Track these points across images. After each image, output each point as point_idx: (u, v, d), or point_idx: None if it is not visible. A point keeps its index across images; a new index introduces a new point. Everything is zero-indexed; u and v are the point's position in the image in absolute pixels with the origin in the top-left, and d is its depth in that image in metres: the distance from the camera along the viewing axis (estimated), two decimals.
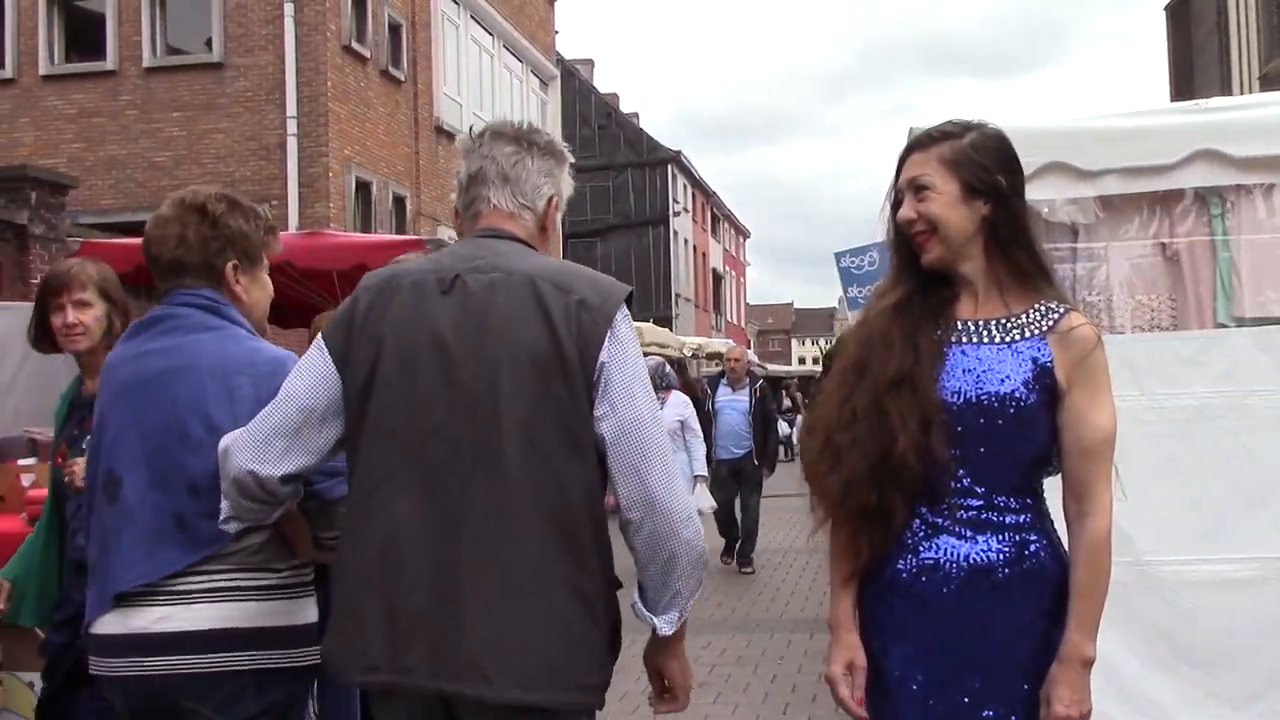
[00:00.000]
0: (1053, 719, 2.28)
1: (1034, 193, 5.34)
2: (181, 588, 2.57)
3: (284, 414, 2.38)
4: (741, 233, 62.08)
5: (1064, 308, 2.43)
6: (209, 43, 17.12)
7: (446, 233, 18.67)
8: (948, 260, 2.44)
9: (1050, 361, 2.36)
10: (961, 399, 2.36)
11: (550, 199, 2.54)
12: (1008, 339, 2.40)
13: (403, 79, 19.09)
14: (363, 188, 17.72)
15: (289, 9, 16.49)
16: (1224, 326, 4.72)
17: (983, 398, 2.35)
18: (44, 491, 4.23)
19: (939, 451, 2.33)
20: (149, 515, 2.60)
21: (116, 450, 2.69)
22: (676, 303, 42.73)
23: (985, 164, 2.42)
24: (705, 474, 10.36)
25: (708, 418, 11.01)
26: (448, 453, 2.28)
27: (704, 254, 49.86)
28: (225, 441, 2.44)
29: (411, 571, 2.27)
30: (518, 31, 24.30)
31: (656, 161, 43.08)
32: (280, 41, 16.61)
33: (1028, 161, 5.58)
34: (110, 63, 17.18)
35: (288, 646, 2.63)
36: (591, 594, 2.29)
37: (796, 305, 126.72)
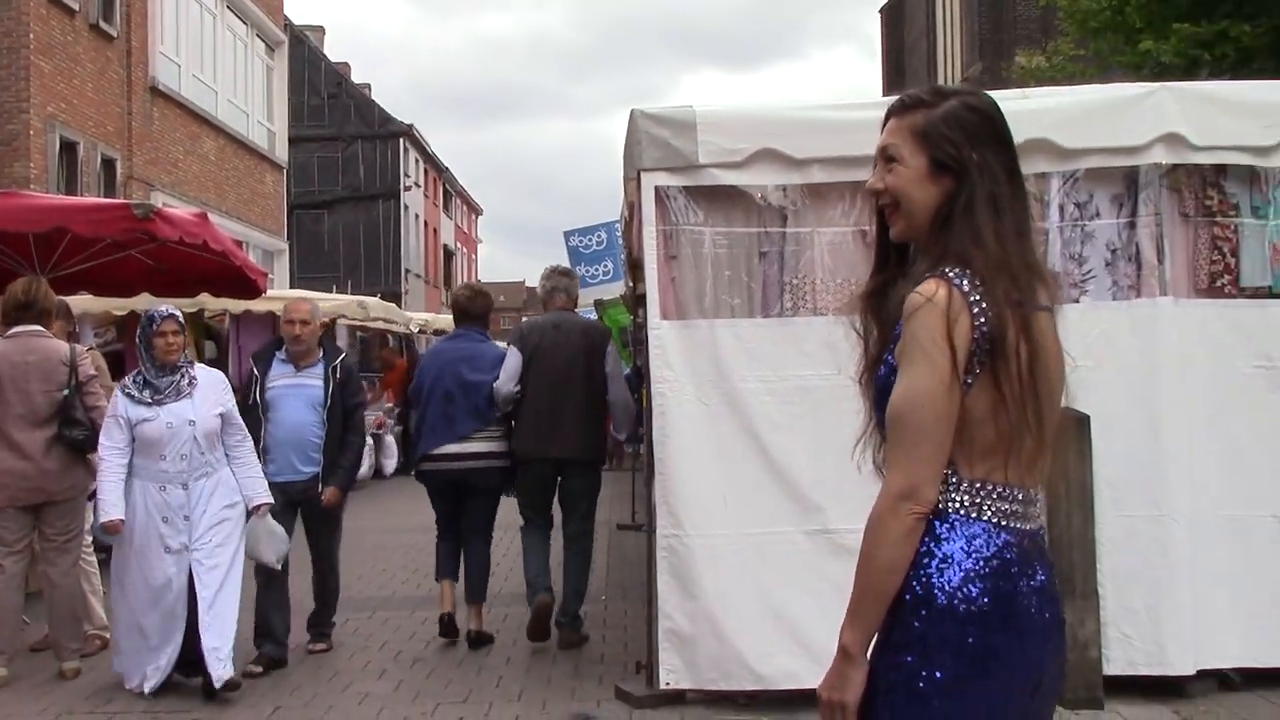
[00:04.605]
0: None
1: (747, 178, 5.60)
2: (477, 435, 7.07)
3: (517, 369, 7.03)
4: (474, 209, 61.83)
5: (929, 275, 2.18)
6: None
7: (160, 198, 17.83)
8: (912, 237, 2.30)
9: (898, 335, 2.19)
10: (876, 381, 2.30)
11: (575, 295, 7.69)
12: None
13: (115, 35, 18.06)
14: (68, 148, 16.68)
15: None
16: None
17: (877, 380, 2.28)
18: None
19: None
20: (467, 407, 7.07)
21: (450, 382, 7.10)
22: (406, 278, 42.18)
23: (954, 137, 2.21)
24: (268, 498, 6.41)
25: (254, 413, 6.75)
26: (558, 383, 6.95)
27: (435, 230, 49.40)
28: (496, 385, 7.01)
29: (544, 419, 6.93)
30: None
31: (388, 134, 42.32)
32: None
33: (741, 148, 5.82)
34: None
35: (506, 459, 7.12)
36: (599, 429, 7.32)
37: (529, 283, 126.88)
